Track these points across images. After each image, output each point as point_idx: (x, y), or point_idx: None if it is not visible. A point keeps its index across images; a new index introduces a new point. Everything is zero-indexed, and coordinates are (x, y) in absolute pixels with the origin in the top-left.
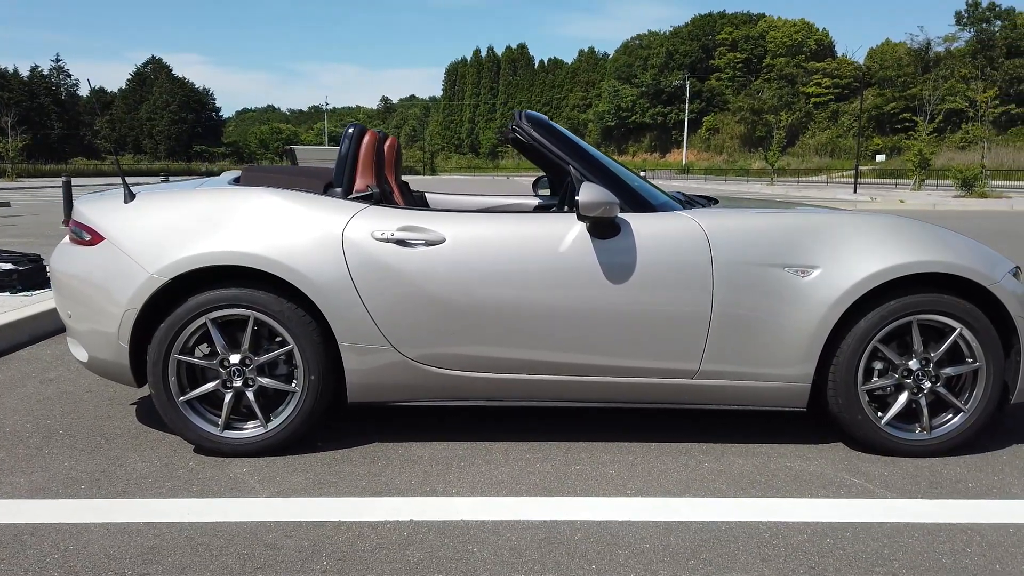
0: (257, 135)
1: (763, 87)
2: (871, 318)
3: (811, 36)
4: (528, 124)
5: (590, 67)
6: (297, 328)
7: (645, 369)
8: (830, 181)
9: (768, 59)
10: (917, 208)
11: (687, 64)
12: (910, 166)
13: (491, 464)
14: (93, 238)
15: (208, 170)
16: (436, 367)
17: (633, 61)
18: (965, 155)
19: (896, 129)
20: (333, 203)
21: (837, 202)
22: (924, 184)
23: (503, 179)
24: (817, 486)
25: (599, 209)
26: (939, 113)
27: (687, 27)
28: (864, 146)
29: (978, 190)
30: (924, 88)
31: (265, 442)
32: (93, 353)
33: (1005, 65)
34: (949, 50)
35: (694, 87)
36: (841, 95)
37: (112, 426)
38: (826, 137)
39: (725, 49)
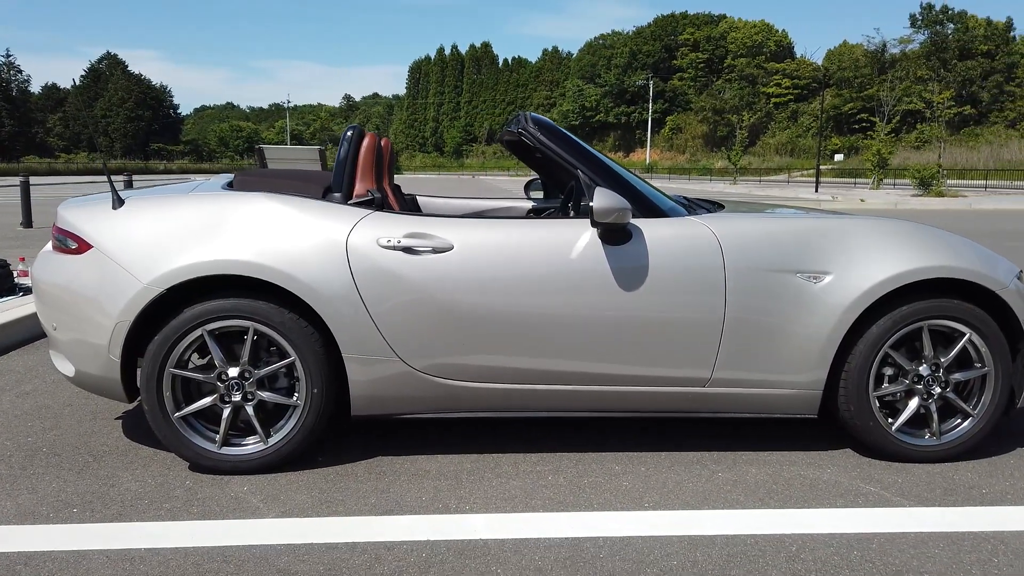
0: (217, 133)
1: (725, 87)
2: (883, 324)
3: (771, 37)
4: (535, 127)
5: (554, 66)
6: (299, 339)
7: (657, 378)
8: (791, 180)
9: (729, 59)
10: (879, 207)
11: (650, 64)
12: (869, 165)
13: (502, 478)
14: (80, 246)
15: (167, 168)
16: (444, 378)
17: (597, 61)
18: (920, 155)
19: (854, 129)
20: (336, 209)
21: (800, 201)
22: (882, 183)
23: (469, 178)
24: (834, 495)
25: (613, 215)
26: (896, 114)
27: (650, 27)
28: (823, 146)
29: (935, 189)
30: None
31: (265, 458)
32: (81, 367)
33: (958, 67)
34: (904, 52)
35: (657, 87)
36: (801, 95)
37: (99, 443)
38: (786, 137)
39: (687, 49)
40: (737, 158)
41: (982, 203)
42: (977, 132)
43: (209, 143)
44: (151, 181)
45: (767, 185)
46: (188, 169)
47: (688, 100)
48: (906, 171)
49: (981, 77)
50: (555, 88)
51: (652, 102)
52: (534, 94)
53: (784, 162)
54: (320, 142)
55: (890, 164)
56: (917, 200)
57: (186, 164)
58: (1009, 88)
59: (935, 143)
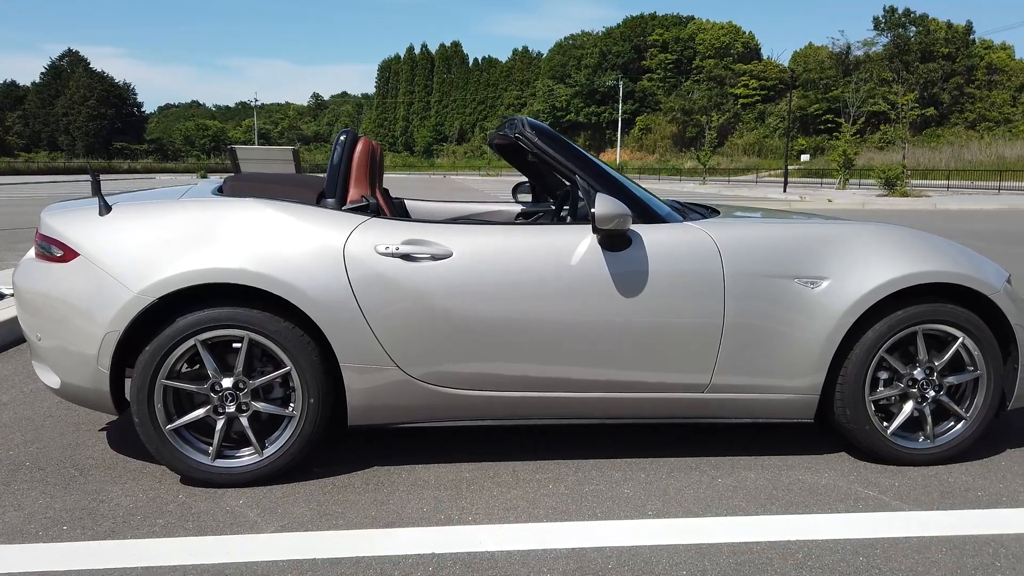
0: (182, 132)
1: (693, 88)
2: (878, 328)
3: (738, 39)
4: (532, 132)
5: (524, 66)
6: (295, 349)
7: (657, 384)
8: (759, 180)
9: (698, 60)
10: (847, 207)
11: (620, 64)
12: (835, 166)
13: (502, 487)
14: (66, 254)
15: (131, 168)
16: (442, 386)
17: (567, 61)
18: (883, 155)
19: (819, 130)
20: (332, 215)
21: (768, 201)
22: (848, 183)
23: (440, 178)
24: (834, 499)
25: (614, 221)
26: (861, 115)
27: (619, 28)
28: (790, 146)
29: (900, 189)
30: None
31: (261, 471)
32: (67, 379)
33: (920, 69)
34: (868, 54)
35: (627, 87)
36: (767, 96)
37: (84, 456)
38: (754, 137)
39: (656, 50)
40: (707, 158)
41: (947, 203)
42: (938, 133)
43: (174, 142)
44: (116, 180)
45: (736, 185)
46: (153, 168)
47: (657, 101)
48: (871, 171)
49: (942, 79)
50: (526, 88)
51: (622, 102)
52: (505, 94)
53: (752, 162)
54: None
55: (855, 164)
56: (883, 200)
57: (151, 163)
58: (969, 90)
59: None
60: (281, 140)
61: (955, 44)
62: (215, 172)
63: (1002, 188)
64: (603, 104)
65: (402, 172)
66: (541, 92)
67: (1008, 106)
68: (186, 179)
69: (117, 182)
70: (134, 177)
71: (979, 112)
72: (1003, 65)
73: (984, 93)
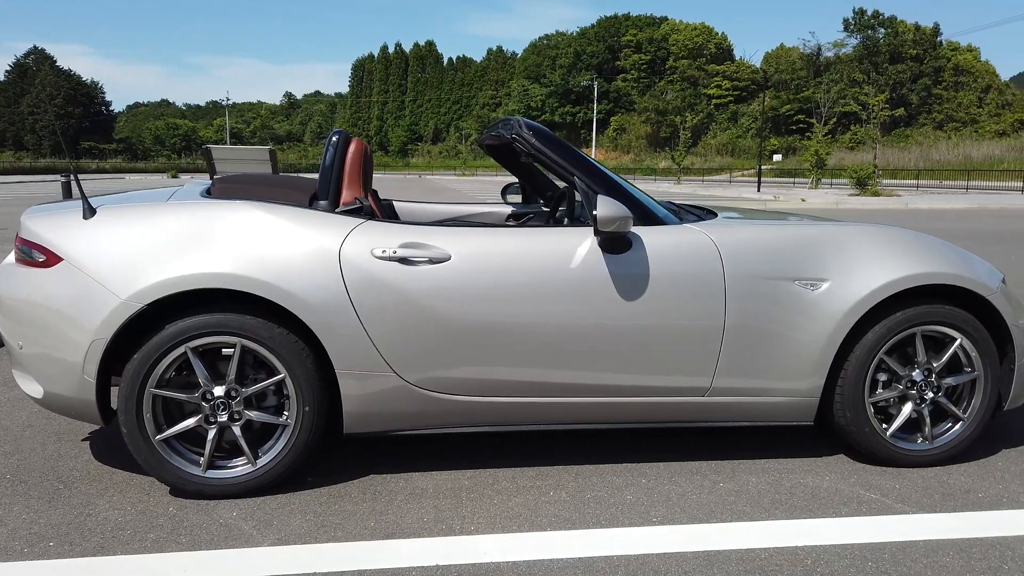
0: (152, 131)
1: (667, 88)
2: (878, 330)
3: (711, 40)
4: (529, 133)
5: (499, 66)
6: (289, 355)
7: (658, 388)
8: (732, 180)
9: (671, 61)
10: (822, 206)
11: (594, 65)
12: (807, 166)
13: (502, 494)
14: (48, 259)
15: (99, 167)
16: (441, 392)
17: (542, 61)
18: (854, 155)
19: (791, 130)
20: (327, 218)
21: (743, 200)
22: (820, 183)
23: (415, 178)
24: (838, 503)
25: (615, 223)
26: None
27: (593, 28)
28: (763, 146)
29: (871, 189)
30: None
31: (254, 481)
32: (50, 388)
33: (889, 70)
34: (838, 55)
35: (601, 87)
36: (740, 97)
37: (67, 467)
38: (727, 137)
39: (630, 51)
40: (681, 158)
41: (917, 202)
42: (907, 133)
43: (144, 141)
44: (85, 180)
45: (710, 185)
46: (123, 168)
47: (632, 101)
48: (843, 171)
49: (910, 80)
50: (501, 88)
51: (597, 102)
52: (480, 93)
53: (725, 162)
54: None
55: (827, 164)
56: (856, 199)
57: (120, 163)
58: (937, 91)
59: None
60: (253, 140)
61: (923, 46)
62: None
63: (970, 188)
64: (578, 104)
65: (377, 172)
66: (516, 92)
67: (974, 107)
68: (156, 179)
69: (87, 182)
70: (103, 177)
71: (946, 113)
72: (969, 67)
73: (951, 94)
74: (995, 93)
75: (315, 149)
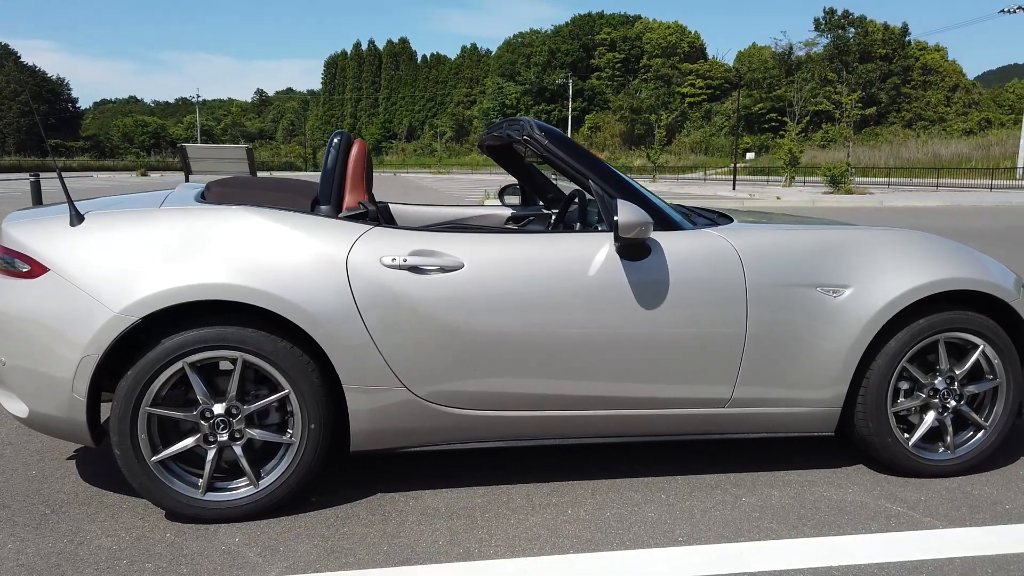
0: (120, 128)
1: (641, 87)
2: (901, 337)
3: (684, 38)
4: (542, 135)
5: (473, 63)
6: (294, 370)
7: (678, 399)
8: (707, 178)
9: (645, 60)
10: (798, 204)
11: (568, 63)
12: (780, 163)
13: (518, 513)
14: (33, 269)
15: (66, 165)
16: (453, 407)
17: (516, 59)
18: (826, 153)
19: (764, 128)
20: (333, 224)
21: (719, 199)
22: (794, 181)
23: (390, 176)
24: (865, 517)
25: (636, 229)
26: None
27: (568, 26)
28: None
29: (845, 187)
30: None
31: (256, 504)
32: (36, 407)
33: (859, 69)
34: (809, 54)
35: (576, 85)
36: (713, 95)
37: (53, 489)
38: (700, 135)
39: (604, 49)
40: (656, 157)
41: (892, 201)
42: (877, 132)
43: (112, 139)
44: (52, 179)
45: (685, 183)
46: (90, 167)
47: (606, 99)
48: (817, 169)
49: (880, 79)
50: (475, 85)
51: (571, 100)
52: (454, 91)
53: (699, 160)
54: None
55: (800, 162)
56: (831, 198)
57: (87, 161)
58: (906, 90)
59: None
60: (224, 137)
61: (892, 45)
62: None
63: (940, 185)
64: (553, 102)
65: None
66: (491, 90)
67: (942, 106)
68: (124, 177)
69: (53, 181)
70: (70, 176)
71: (915, 111)
72: (937, 66)
73: (919, 93)
74: (962, 92)
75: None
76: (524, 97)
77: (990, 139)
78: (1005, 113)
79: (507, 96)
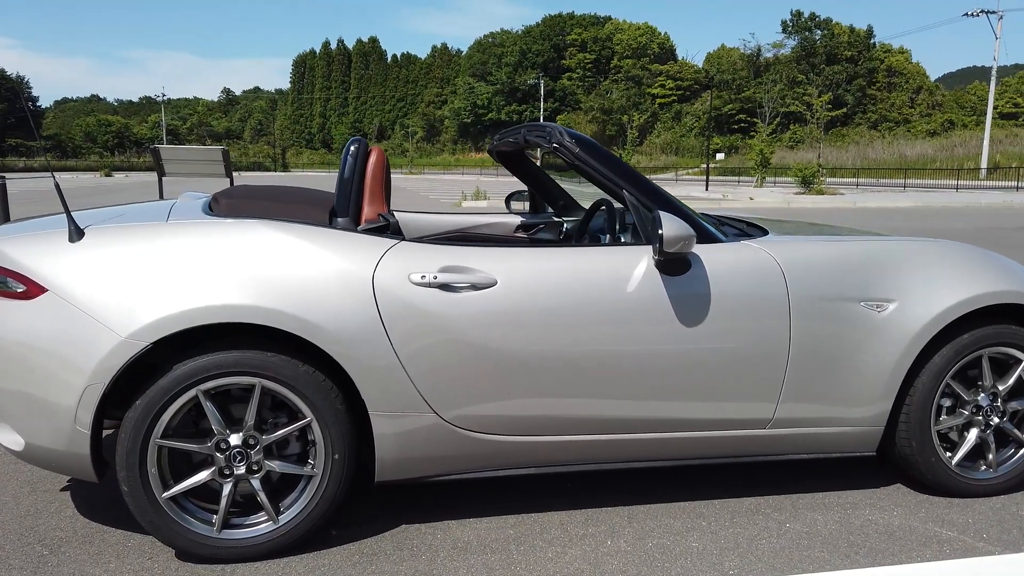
0: (82, 127)
1: (612, 88)
2: (945, 353)
3: (654, 40)
4: (572, 142)
5: (444, 63)
6: (317, 397)
7: (719, 420)
8: (679, 179)
9: (615, 60)
10: (773, 205)
11: (540, 63)
12: (751, 164)
13: (554, 545)
14: (29, 289)
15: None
16: (485, 433)
17: (487, 59)
18: (795, 154)
19: (733, 129)
20: (356, 239)
21: (693, 199)
22: (765, 181)
23: None
24: (917, 544)
25: (680, 243)
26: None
27: (538, 27)
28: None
29: (816, 187)
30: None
31: (276, 541)
32: (34, 440)
33: (826, 71)
34: (777, 56)
35: (547, 86)
36: (683, 96)
37: (49, 526)
38: (671, 136)
39: (575, 50)
40: (628, 157)
41: (865, 202)
42: (844, 133)
43: (74, 138)
44: (13, 180)
45: (658, 183)
46: (52, 167)
47: (577, 100)
48: (788, 170)
49: (846, 81)
50: (446, 85)
51: (543, 101)
52: (424, 91)
53: (670, 160)
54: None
55: (771, 163)
56: (804, 199)
57: (49, 160)
58: (871, 92)
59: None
60: (191, 136)
61: (857, 47)
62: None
63: (907, 186)
64: (524, 102)
65: (321, 170)
66: (462, 90)
67: (906, 107)
68: (88, 178)
69: (14, 183)
70: (31, 176)
71: (880, 113)
72: (901, 68)
73: (885, 95)
74: (925, 94)
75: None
76: (496, 97)
77: (953, 140)
78: (967, 114)
79: (479, 96)
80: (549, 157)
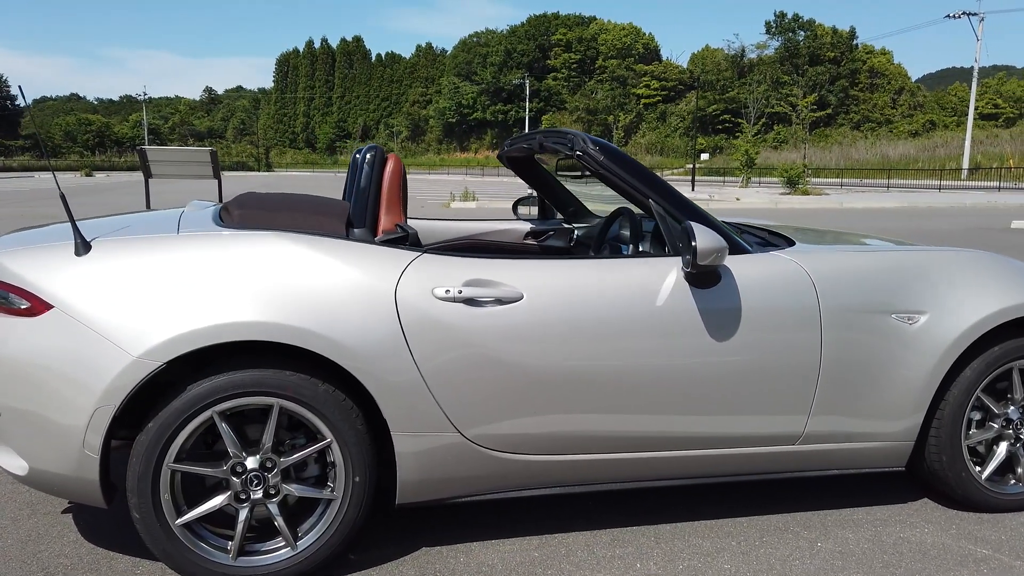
0: (62, 126)
1: (597, 88)
2: (976, 366)
3: (639, 40)
4: (596, 149)
5: (428, 63)
6: (337, 417)
7: (749, 436)
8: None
9: (600, 61)
10: (760, 206)
11: (525, 63)
12: (736, 164)
13: (582, 569)
14: (34, 306)
15: (5, 165)
16: (511, 452)
17: (472, 58)
18: (779, 154)
19: (718, 130)
20: (377, 252)
21: None
22: (750, 182)
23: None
24: (953, 562)
25: (713, 255)
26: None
27: (524, 27)
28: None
29: (801, 188)
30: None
31: (294, 568)
32: (39, 464)
33: (809, 72)
34: (761, 57)
35: (532, 86)
36: (668, 97)
37: (52, 551)
38: (656, 137)
39: (560, 50)
40: None
41: (851, 202)
42: (827, 133)
43: (53, 138)
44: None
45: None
46: (31, 167)
47: (563, 100)
48: (773, 170)
49: (829, 81)
50: (431, 85)
51: (528, 101)
52: (409, 90)
53: (655, 161)
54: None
55: (756, 163)
56: (791, 199)
57: (28, 160)
58: (854, 92)
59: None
60: (172, 136)
61: (840, 49)
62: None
63: (891, 186)
64: (510, 102)
65: (304, 169)
66: (447, 89)
67: (888, 108)
68: (68, 177)
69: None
70: (11, 176)
71: (863, 113)
72: (883, 69)
73: (867, 96)
74: (907, 95)
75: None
76: (481, 97)
77: (935, 140)
78: (948, 115)
79: (463, 96)
80: (559, 162)
